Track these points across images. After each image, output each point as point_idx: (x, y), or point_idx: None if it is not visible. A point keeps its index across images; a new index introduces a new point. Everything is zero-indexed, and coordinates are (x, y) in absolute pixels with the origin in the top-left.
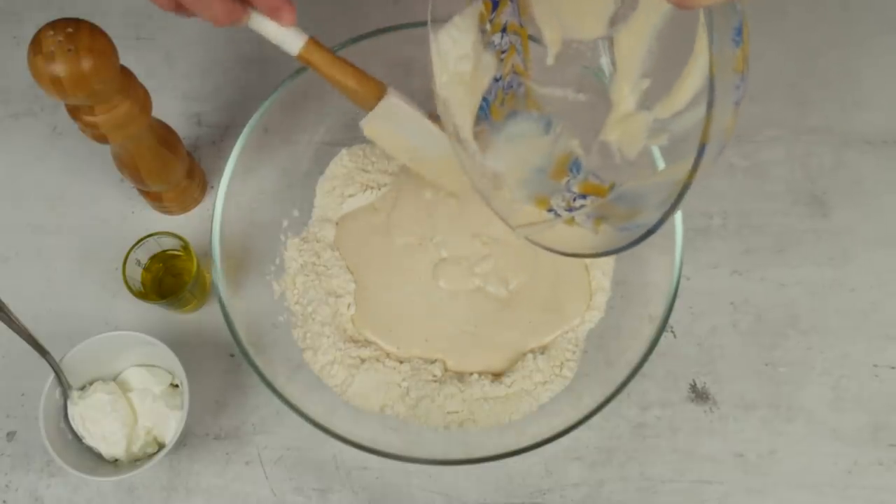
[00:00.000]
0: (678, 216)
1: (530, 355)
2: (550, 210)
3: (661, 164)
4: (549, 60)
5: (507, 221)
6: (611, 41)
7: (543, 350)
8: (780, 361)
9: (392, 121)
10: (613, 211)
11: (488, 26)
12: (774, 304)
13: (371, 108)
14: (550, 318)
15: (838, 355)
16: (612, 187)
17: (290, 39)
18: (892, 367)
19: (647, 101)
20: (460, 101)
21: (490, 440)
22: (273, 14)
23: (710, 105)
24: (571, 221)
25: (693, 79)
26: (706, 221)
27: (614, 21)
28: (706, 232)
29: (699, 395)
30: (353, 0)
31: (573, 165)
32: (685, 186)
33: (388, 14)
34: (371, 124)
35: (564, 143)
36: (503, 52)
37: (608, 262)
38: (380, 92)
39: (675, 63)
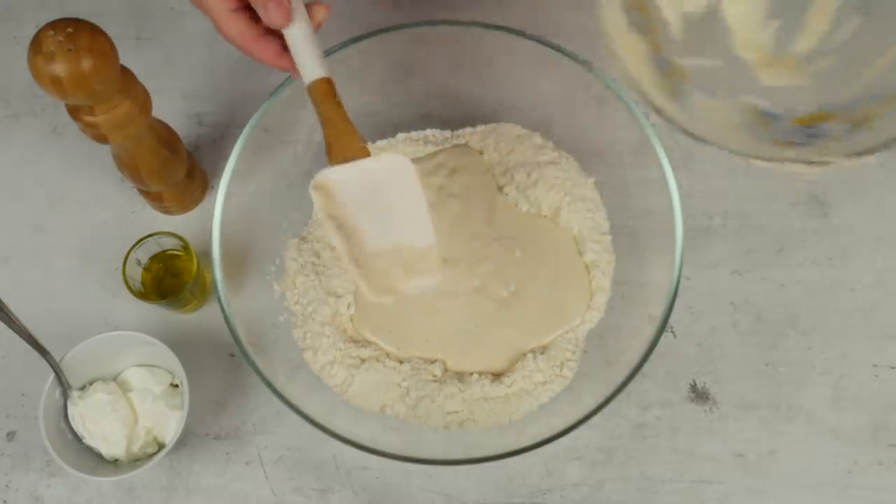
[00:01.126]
0: (678, 216)
1: (530, 355)
2: (793, 144)
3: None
4: (677, 35)
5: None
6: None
7: (543, 350)
8: (780, 361)
9: (354, 188)
10: (870, 112)
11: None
12: (774, 304)
13: (339, 162)
14: (550, 318)
15: (838, 355)
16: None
17: (305, 69)
18: (892, 367)
19: (779, 44)
20: (635, 65)
21: (490, 440)
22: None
23: None
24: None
25: None
26: (706, 221)
27: None
28: (706, 232)
29: (699, 395)
30: (353, 0)
31: (765, 114)
32: None
33: (388, 14)
34: (326, 178)
35: (737, 101)
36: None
37: (608, 261)
38: (358, 151)
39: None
